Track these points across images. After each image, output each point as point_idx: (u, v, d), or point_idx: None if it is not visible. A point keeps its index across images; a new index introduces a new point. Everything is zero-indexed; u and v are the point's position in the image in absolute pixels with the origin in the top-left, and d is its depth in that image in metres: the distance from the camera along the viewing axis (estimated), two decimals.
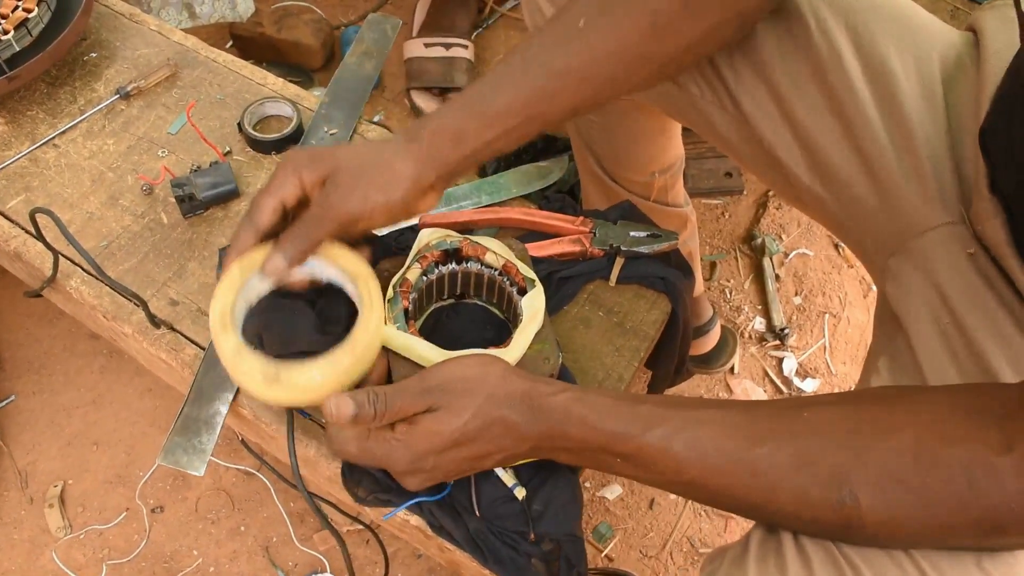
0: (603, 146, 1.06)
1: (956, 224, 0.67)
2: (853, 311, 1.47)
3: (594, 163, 1.09)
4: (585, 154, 1.10)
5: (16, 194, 0.91)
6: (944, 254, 0.67)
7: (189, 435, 0.77)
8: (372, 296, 0.64)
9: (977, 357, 0.61)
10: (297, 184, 0.65)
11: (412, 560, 1.20)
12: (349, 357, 0.62)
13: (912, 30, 0.73)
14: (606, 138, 1.04)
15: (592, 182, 1.13)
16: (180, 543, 1.23)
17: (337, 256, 0.66)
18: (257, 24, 1.68)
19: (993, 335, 0.61)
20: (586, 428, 0.59)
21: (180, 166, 0.93)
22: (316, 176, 0.65)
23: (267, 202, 0.64)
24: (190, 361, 0.80)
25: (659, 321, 0.82)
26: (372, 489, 0.71)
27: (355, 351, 0.62)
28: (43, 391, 1.35)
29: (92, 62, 1.03)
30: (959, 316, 0.63)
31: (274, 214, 0.65)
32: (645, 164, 1.06)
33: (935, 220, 0.68)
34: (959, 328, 0.63)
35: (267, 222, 0.65)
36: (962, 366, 0.61)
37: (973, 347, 0.61)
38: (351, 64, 1.03)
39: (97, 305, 0.84)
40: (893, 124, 0.71)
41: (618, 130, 1.01)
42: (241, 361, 0.61)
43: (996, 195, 0.62)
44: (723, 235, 1.56)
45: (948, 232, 0.67)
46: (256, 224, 0.64)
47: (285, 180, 0.65)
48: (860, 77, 0.72)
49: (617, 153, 1.06)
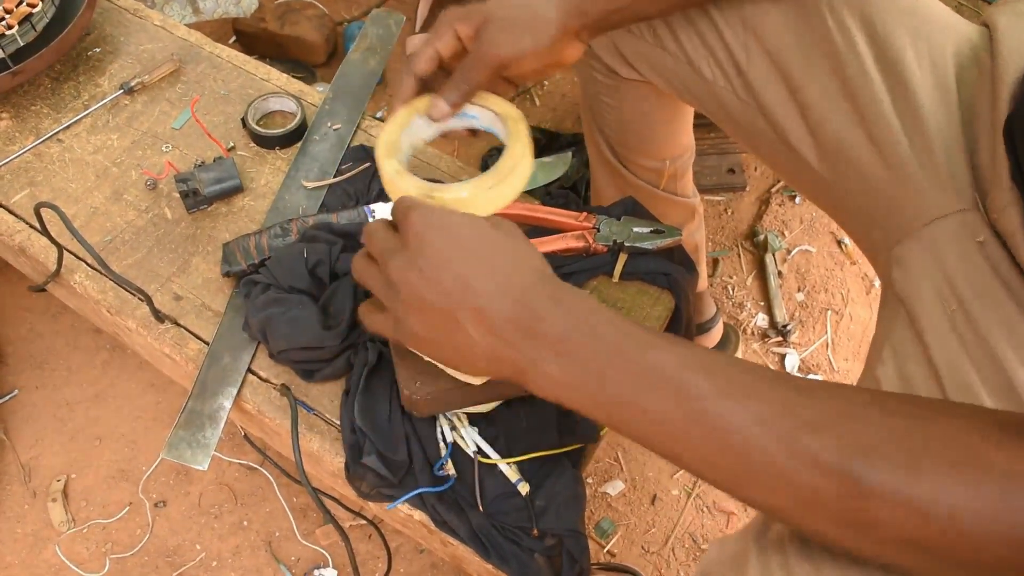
0: (616, 130, 1.06)
1: (967, 212, 0.67)
2: (855, 308, 1.47)
3: (605, 148, 1.09)
4: (597, 139, 1.10)
5: (20, 189, 0.92)
6: (954, 241, 0.67)
7: (193, 430, 0.77)
8: (520, 131, 0.70)
9: (983, 343, 0.61)
10: (453, 35, 0.70)
11: (414, 555, 1.20)
12: (494, 178, 0.66)
13: (926, 21, 0.73)
14: (619, 121, 1.04)
15: (602, 168, 1.13)
16: (183, 537, 1.23)
17: (488, 100, 0.72)
18: (260, 20, 1.68)
19: (999, 322, 0.61)
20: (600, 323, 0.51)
21: (184, 161, 0.93)
22: (471, 28, 0.70)
23: (427, 51, 0.70)
24: (194, 356, 0.80)
25: (663, 317, 0.82)
26: (375, 484, 0.71)
27: (500, 173, 0.67)
28: (46, 386, 1.36)
29: (96, 57, 1.03)
30: (966, 302, 0.63)
31: (432, 63, 0.71)
32: (657, 150, 1.06)
33: (947, 208, 0.68)
34: (966, 313, 0.63)
35: (426, 70, 0.71)
36: (969, 351, 0.61)
37: (979, 332, 0.62)
38: (355, 60, 1.03)
39: (101, 300, 0.84)
40: (905, 112, 0.71)
41: (632, 113, 1.02)
42: (400, 180, 0.67)
43: (1017, 185, 0.62)
44: (726, 231, 1.56)
45: (959, 220, 0.67)
46: (417, 72, 0.71)
47: (444, 32, 0.70)
48: (873, 65, 0.72)
49: (629, 137, 1.06)
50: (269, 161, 0.94)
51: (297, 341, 0.74)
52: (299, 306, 0.75)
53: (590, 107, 1.07)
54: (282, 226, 0.82)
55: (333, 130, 0.95)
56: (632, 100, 0.99)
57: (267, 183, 0.92)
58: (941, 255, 0.67)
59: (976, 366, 0.61)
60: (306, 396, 0.77)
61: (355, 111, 0.97)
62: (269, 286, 0.78)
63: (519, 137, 0.69)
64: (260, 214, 0.90)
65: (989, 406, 0.59)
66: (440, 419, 0.73)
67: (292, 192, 0.90)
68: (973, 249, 0.65)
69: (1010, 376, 0.59)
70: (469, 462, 0.71)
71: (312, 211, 0.88)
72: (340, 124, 0.96)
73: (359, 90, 1.00)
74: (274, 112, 0.99)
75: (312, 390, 0.78)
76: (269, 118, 0.99)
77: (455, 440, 0.72)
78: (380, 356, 0.75)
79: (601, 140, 1.09)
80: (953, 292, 0.65)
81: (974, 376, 0.61)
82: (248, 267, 0.81)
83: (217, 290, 0.84)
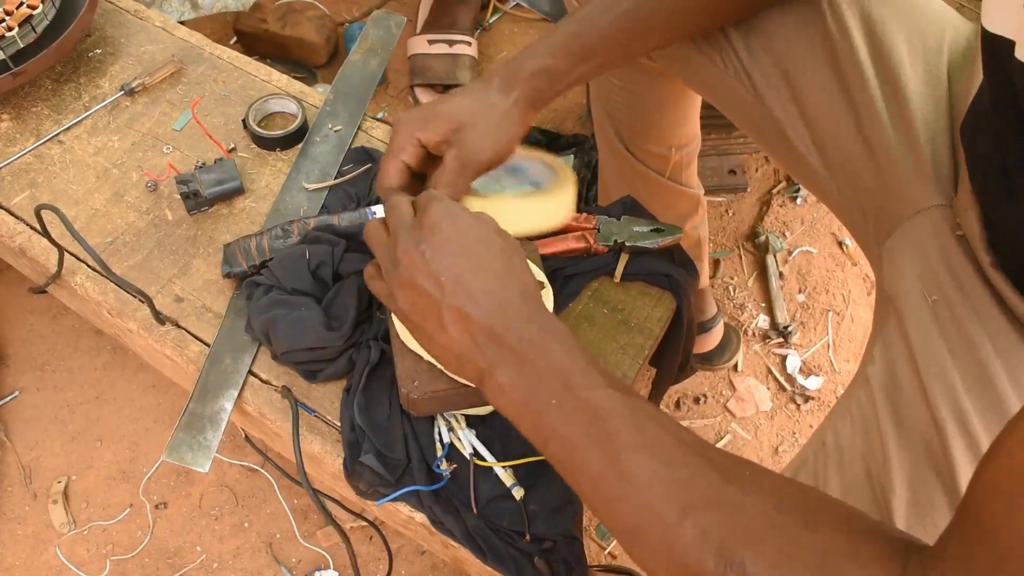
0: (624, 114, 1.06)
1: (948, 206, 0.68)
2: (857, 309, 1.47)
3: (613, 134, 1.09)
4: (605, 123, 1.10)
5: (21, 190, 0.92)
6: (934, 234, 0.67)
7: (194, 432, 0.77)
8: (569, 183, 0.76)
9: (964, 335, 0.62)
10: (417, 145, 0.71)
11: (415, 557, 1.20)
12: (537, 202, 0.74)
13: (923, 17, 0.74)
14: (628, 105, 1.04)
15: (610, 155, 1.13)
16: (184, 539, 1.23)
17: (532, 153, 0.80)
18: (261, 20, 1.68)
19: (978, 314, 0.62)
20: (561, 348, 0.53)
21: (185, 163, 0.93)
22: (438, 137, 0.71)
23: (393, 165, 0.71)
24: (195, 358, 0.80)
25: (664, 318, 0.82)
26: (372, 482, 0.71)
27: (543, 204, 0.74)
28: (47, 387, 1.36)
29: (97, 58, 1.03)
30: (947, 293, 0.64)
31: (401, 176, 0.71)
32: (664, 135, 1.07)
33: (928, 201, 0.69)
34: (947, 304, 0.63)
35: (400, 183, 0.71)
36: (950, 341, 0.62)
37: (960, 324, 0.62)
38: (356, 60, 1.03)
39: (102, 301, 0.84)
40: (895, 108, 0.71)
41: (641, 97, 1.02)
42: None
43: (975, 189, 0.62)
44: (727, 232, 1.56)
45: (940, 213, 0.68)
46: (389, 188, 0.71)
47: (406, 143, 0.71)
48: (868, 61, 0.72)
49: (637, 122, 1.06)
50: (270, 163, 0.94)
51: (300, 342, 0.74)
52: (302, 307, 0.75)
53: (599, 89, 1.07)
54: (283, 227, 0.82)
55: (334, 132, 0.95)
56: (641, 82, 1.00)
57: (268, 185, 0.92)
58: (923, 247, 0.67)
59: (954, 358, 0.62)
60: (307, 398, 0.77)
61: (356, 112, 0.97)
62: (272, 288, 0.78)
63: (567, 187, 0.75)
64: (261, 216, 0.89)
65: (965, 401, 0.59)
66: (438, 420, 0.73)
67: (293, 194, 0.90)
68: (953, 242, 0.65)
69: (988, 371, 0.60)
70: (465, 464, 0.71)
71: (313, 213, 0.88)
72: (341, 126, 0.96)
73: (360, 91, 1.00)
74: (275, 113, 0.99)
75: (313, 392, 0.77)
76: (270, 119, 0.99)
77: (452, 441, 0.72)
78: (382, 354, 0.75)
79: (609, 125, 1.09)
80: (934, 282, 0.65)
81: (952, 369, 0.61)
82: (249, 268, 0.81)
83: (218, 292, 0.84)
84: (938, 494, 0.58)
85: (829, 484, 0.63)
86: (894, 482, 0.59)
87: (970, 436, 0.58)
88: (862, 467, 0.62)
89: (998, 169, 0.59)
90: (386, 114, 1.67)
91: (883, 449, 0.61)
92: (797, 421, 1.36)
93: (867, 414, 0.64)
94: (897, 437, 0.61)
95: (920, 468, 0.59)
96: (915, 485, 0.59)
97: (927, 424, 0.60)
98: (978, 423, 0.59)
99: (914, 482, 0.59)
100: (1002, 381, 0.59)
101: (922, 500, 0.58)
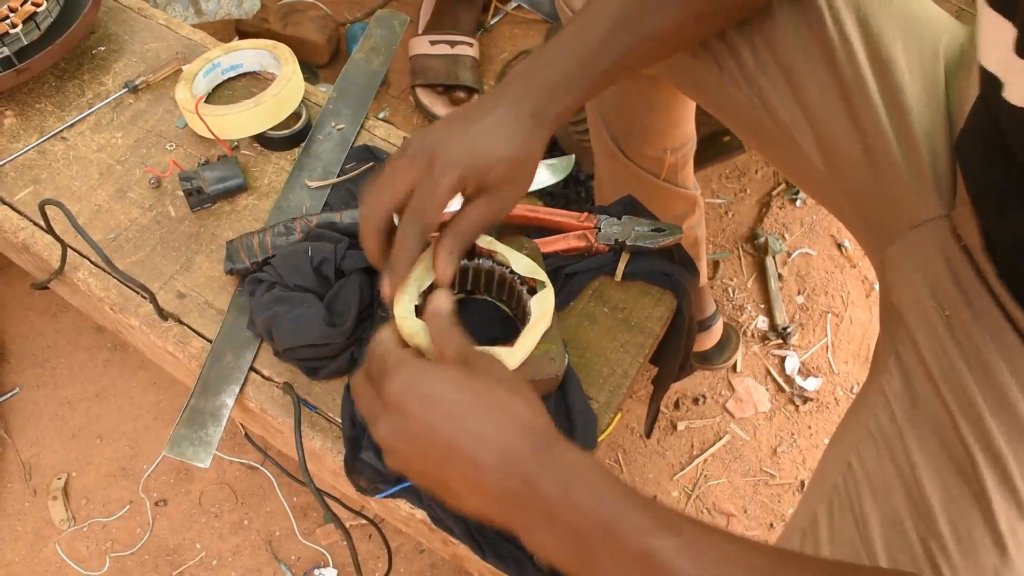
0: (618, 117, 1.07)
1: (950, 217, 0.68)
2: (855, 310, 1.48)
3: (608, 137, 1.09)
4: (600, 127, 1.10)
5: (24, 186, 0.92)
6: (939, 247, 0.67)
7: (195, 427, 0.77)
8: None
9: (979, 355, 0.62)
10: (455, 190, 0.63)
11: (415, 555, 1.20)
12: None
13: (919, 23, 0.74)
14: (621, 109, 1.05)
15: (605, 158, 1.14)
16: (183, 536, 1.23)
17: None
18: (263, 20, 1.68)
19: (988, 328, 0.61)
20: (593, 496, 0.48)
21: (188, 160, 0.94)
22: (469, 185, 0.64)
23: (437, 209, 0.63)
24: (197, 354, 0.81)
25: (664, 318, 0.82)
26: (373, 479, 0.72)
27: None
28: (47, 384, 1.36)
29: (100, 56, 1.03)
30: (957, 308, 0.63)
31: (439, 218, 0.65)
32: (658, 138, 1.07)
33: (930, 212, 0.69)
34: (959, 319, 0.63)
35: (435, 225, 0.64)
36: (968, 361, 0.62)
37: (971, 339, 0.62)
38: (359, 60, 1.03)
39: (104, 297, 0.85)
40: (895, 115, 0.71)
41: (634, 101, 1.02)
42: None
43: (972, 200, 0.62)
44: (726, 234, 1.56)
45: (944, 224, 0.68)
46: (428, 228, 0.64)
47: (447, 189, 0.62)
48: (867, 66, 0.72)
49: (631, 125, 1.07)
50: (273, 160, 0.95)
51: (302, 339, 0.74)
52: (304, 304, 0.75)
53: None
54: (286, 225, 0.82)
55: (337, 130, 0.95)
56: (634, 87, 1.00)
57: (271, 182, 0.92)
58: (929, 260, 0.67)
59: (973, 375, 0.61)
60: (308, 394, 0.77)
61: (359, 111, 0.98)
62: (274, 284, 0.78)
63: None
64: (264, 213, 0.90)
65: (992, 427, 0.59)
66: None
67: (296, 191, 0.90)
68: (959, 254, 0.65)
69: (1004, 390, 0.59)
70: None
71: (315, 210, 0.88)
72: (344, 124, 0.96)
73: (363, 90, 1.00)
74: None
75: (314, 388, 0.78)
76: None
77: None
78: None
79: (603, 129, 1.09)
80: (945, 297, 0.65)
81: (976, 393, 0.60)
82: (251, 265, 0.81)
83: (220, 288, 0.84)
84: (979, 530, 0.58)
85: (868, 516, 0.61)
86: (935, 515, 0.59)
87: (999, 464, 0.58)
88: (898, 496, 0.61)
89: (991, 186, 0.59)
90: (387, 114, 1.67)
91: (915, 478, 0.60)
92: (796, 422, 1.36)
93: (889, 434, 0.63)
94: (927, 465, 0.60)
95: (957, 501, 0.59)
96: (955, 518, 0.58)
97: (957, 449, 0.60)
98: (1006, 450, 0.58)
99: (953, 515, 0.58)
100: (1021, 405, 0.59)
101: (963, 535, 0.58)
